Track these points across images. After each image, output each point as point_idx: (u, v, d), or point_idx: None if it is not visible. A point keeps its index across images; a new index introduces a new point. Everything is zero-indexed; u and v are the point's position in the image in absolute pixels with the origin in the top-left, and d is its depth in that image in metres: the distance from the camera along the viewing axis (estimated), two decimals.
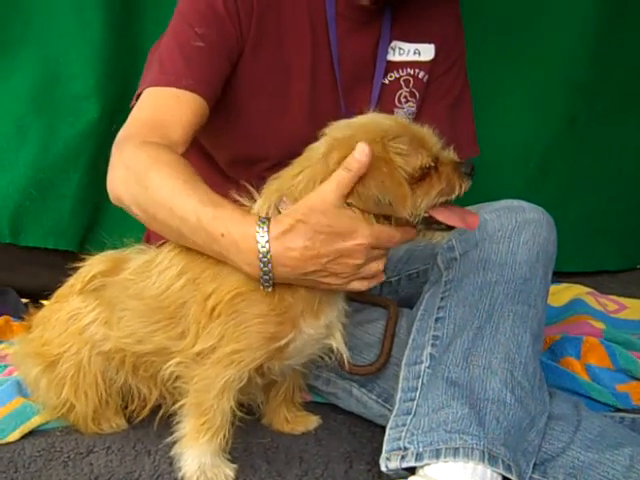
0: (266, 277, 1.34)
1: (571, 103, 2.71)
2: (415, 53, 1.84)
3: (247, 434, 1.62)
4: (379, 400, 1.68)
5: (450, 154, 1.40)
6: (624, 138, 2.85)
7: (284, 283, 1.37)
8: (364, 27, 1.78)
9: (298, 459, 1.56)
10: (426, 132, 1.40)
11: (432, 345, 1.52)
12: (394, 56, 1.83)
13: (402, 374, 1.52)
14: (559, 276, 2.60)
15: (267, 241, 1.32)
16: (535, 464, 1.44)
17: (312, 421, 1.70)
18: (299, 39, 1.74)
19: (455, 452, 1.35)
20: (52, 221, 2.30)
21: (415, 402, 1.46)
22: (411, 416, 1.44)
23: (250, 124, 1.75)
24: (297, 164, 1.40)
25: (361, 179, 1.30)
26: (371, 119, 1.42)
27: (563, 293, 2.40)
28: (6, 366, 1.91)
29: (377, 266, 1.38)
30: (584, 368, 1.89)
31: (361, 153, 1.30)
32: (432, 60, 1.86)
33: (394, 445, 1.42)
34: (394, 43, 1.82)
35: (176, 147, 1.53)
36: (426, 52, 1.85)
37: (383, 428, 1.63)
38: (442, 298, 1.57)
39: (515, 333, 1.49)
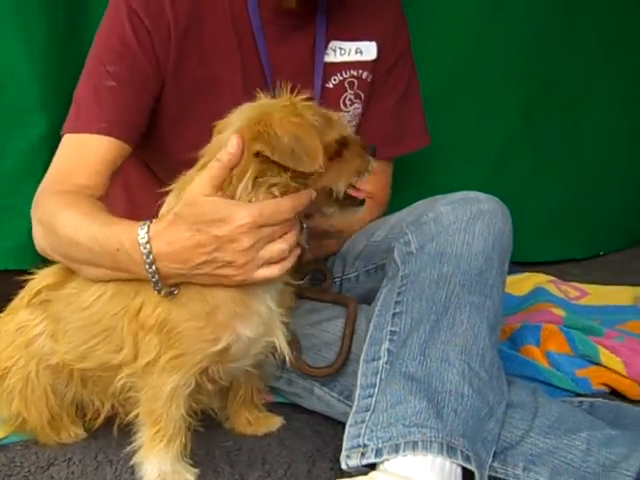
0: (154, 279, 1.35)
1: (528, 95, 2.73)
2: (357, 52, 1.84)
3: (209, 438, 1.62)
4: (340, 398, 1.68)
5: (355, 136, 1.44)
6: (583, 127, 2.88)
7: (201, 285, 1.37)
8: (297, 31, 1.77)
9: (261, 460, 1.56)
10: (334, 114, 1.41)
11: (390, 340, 1.51)
12: (335, 57, 1.83)
13: (360, 371, 1.52)
14: (522, 266, 2.63)
15: (147, 241, 1.33)
16: (495, 453, 1.44)
17: (275, 422, 1.69)
18: (226, 54, 1.75)
19: (414, 446, 1.35)
20: (11, 242, 2.22)
21: (374, 398, 1.45)
22: (370, 412, 1.44)
23: (184, 148, 1.75)
24: (205, 155, 1.39)
25: (275, 132, 1.29)
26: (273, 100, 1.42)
27: (525, 282, 2.42)
28: None
29: (279, 246, 1.35)
30: (544, 355, 1.90)
31: (232, 145, 1.31)
32: (375, 59, 1.86)
33: (354, 442, 1.42)
34: (333, 44, 1.82)
35: (89, 190, 1.57)
36: (368, 51, 1.85)
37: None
38: (399, 293, 1.57)
39: (472, 324, 1.49)
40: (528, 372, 1.83)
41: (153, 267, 1.34)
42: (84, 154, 1.62)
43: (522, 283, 2.41)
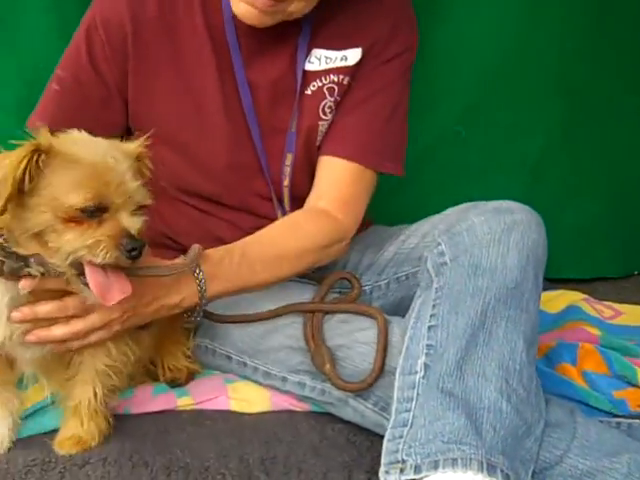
0: None
1: (565, 107, 2.70)
2: (342, 59, 1.82)
3: (242, 445, 1.61)
4: (375, 409, 1.67)
5: (129, 220, 1.31)
6: (620, 142, 2.84)
7: None
8: (278, 41, 1.77)
9: (296, 470, 1.55)
10: (124, 181, 1.31)
11: (426, 354, 1.51)
12: (320, 65, 1.82)
13: (397, 384, 1.51)
14: (555, 282, 2.60)
15: None
16: (534, 472, 1.43)
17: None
18: (203, 66, 1.77)
19: (453, 463, 1.34)
20: None
21: (411, 413, 1.45)
22: (408, 427, 1.43)
23: (171, 161, 1.81)
24: None
25: None
26: (83, 138, 1.37)
27: (558, 299, 2.40)
28: None
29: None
30: (580, 374, 1.88)
31: None
32: (357, 63, 1.83)
33: (392, 458, 1.41)
34: (318, 52, 1.81)
35: None
36: (353, 56, 1.83)
37: (381, 437, 1.62)
38: (434, 305, 1.56)
39: (508, 339, 1.49)
40: (564, 391, 1.81)
41: None
42: None
43: (555, 300, 2.38)
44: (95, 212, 1.29)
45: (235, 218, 1.90)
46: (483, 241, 1.56)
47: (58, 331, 1.44)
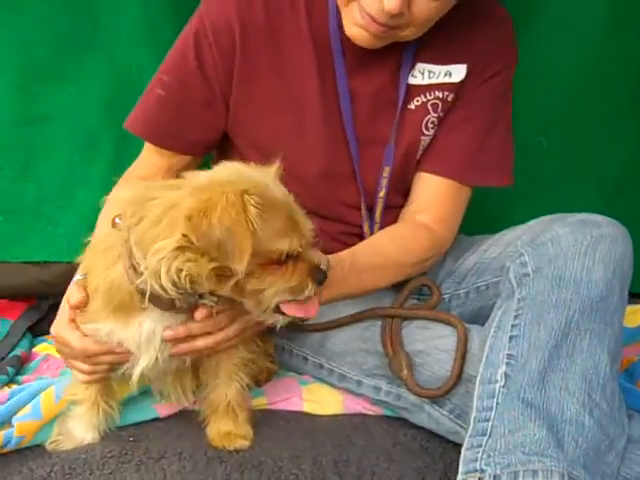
0: None
1: None
2: (446, 75, 1.80)
3: (315, 446, 1.62)
4: (451, 416, 1.66)
5: (315, 255, 1.38)
6: None
7: None
8: (383, 53, 1.74)
9: (370, 473, 1.54)
10: (304, 219, 1.37)
11: (507, 364, 1.49)
12: (423, 79, 1.80)
13: (476, 392, 1.50)
14: (633, 297, 2.54)
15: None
16: None
17: (241, 443, 1.60)
18: (305, 75, 1.77)
19: (534, 474, 1.32)
20: None
21: (490, 422, 1.43)
22: (487, 437, 1.42)
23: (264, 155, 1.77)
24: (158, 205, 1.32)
25: (210, 222, 1.24)
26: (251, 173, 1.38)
27: (638, 314, 2.34)
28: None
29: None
30: None
31: (77, 298, 1.46)
32: (462, 81, 1.81)
33: (470, 467, 1.40)
34: (422, 66, 1.80)
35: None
36: (457, 73, 1.81)
37: (455, 444, 1.63)
38: (516, 316, 1.54)
39: (592, 353, 1.46)
40: None
41: None
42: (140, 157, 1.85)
43: (635, 315, 2.32)
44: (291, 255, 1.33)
45: (322, 224, 1.88)
46: (568, 253, 1.54)
47: (201, 343, 1.49)
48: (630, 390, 1.80)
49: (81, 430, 1.59)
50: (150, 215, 1.30)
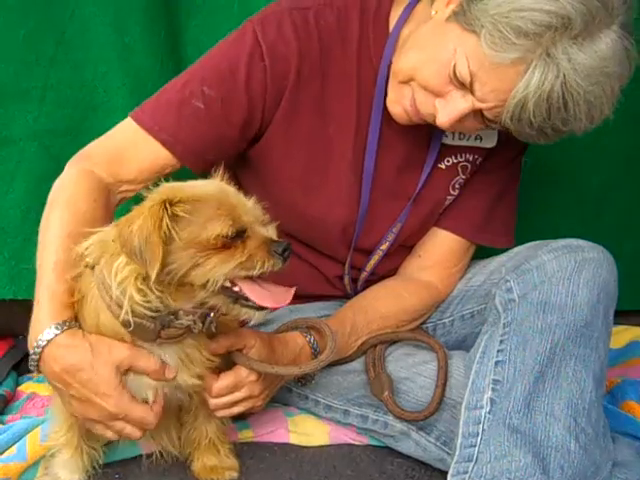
0: (32, 363, 1.43)
1: (629, 141, 2.65)
2: (477, 139, 1.81)
3: (301, 478, 1.63)
4: (437, 443, 1.66)
5: (266, 230, 1.38)
6: None
7: None
8: None
9: None
10: (244, 203, 1.39)
11: (492, 390, 1.49)
12: (453, 140, 1.80)
13: (462, 418, 1.50)
14: (616, 316, 2.54)
15: (48, 340, 1.39)
16: None
17: (229, 473, 1.62)
18: (342, 118, 1.74)
19: None
20: None
21: (476, 448, 1.43)
22: (473, 463, 1.41)
23: (282, 197, 1.75)
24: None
25: (131, 232, 1.29)
26: (195, 183, 1.42)
27: (622, 335, 2.34)
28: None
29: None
30: None
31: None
32: (492, 148, 1.82)
33: None
34: None
35: (119, 185, 1.64)
36: (488, 138, 1.81)
37: (441, 472, 1.63)
38: (501, 341, 1.54)
39: (577, 378, 1.47)
40: (629, 429, 1.76)
41: (35, 357, 1.42)
42: (139, 151, 1.65)
43: (618, 335, 2.32)
44: (236, 236, 1.33)
45: (318, 263, 1.89)
46: (553, 279, 1.54)
47: (237, 409, 1.54)
48: (613, 412, 1.81)
49: (66, 473, 1.57)
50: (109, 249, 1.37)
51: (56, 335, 1.39)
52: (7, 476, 1.57)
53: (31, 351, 1.42)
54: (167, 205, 1.30)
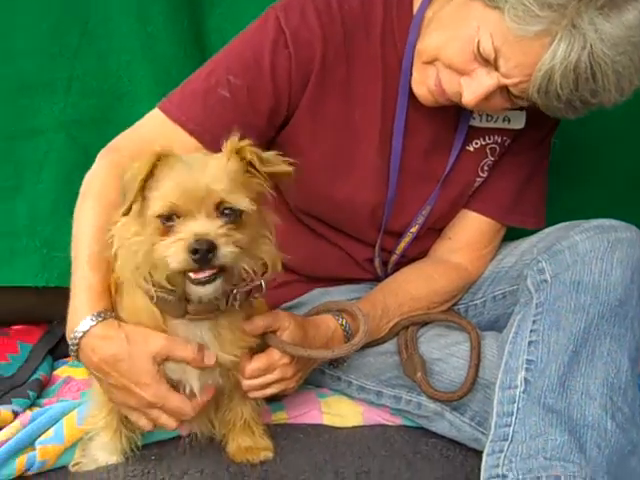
0: (72, 352, 1.47)
1: None
2: (505, 120, 1.80)
3: (336, 459, 1.62)
4: (472, 423, 1.66)
5: (199, 224, 1.27)
6: None
7: None
8: None
9: None
10: (196, 185, 1.29)
11: (526, 369, 1.48)
12: (481, 122, 1.79)
13: (496, 398, 1.49)
14: None
15: (84, 332, 1.43)
16: None
17: (265, 453, 1.61)
18: (368, 103, 1.73)
19: None
20: None
21: (511, 427, 1.43)
22: (508, 442, 1.41)
23: (310, 181, 1.73)
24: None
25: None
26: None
27: None
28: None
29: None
30: None
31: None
32: (521, 129, 1.81)
33: (492, 472, 1.39)
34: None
35: None
36: (516, 119, 1.80)
37: (476, 451, 1.63)
38: (534, 321, 1.53)
39: (613, 357, 1.46)
40: None
41: (75, 347, 1.45)
42: (168, 142, 1.58)
43: None
44: (169, 219, 1.29)
45: (348, 246, 1.88)
46: (585, 258, 1.53)
47: (270, 391, 1.56)
48: None
49: (104, 455, 1.58)
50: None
51: (91, 326, 1.42)
52: (45, 458, 1.59)
53: (69, 342, 1.45)
54: (158, 158, 1.33)
